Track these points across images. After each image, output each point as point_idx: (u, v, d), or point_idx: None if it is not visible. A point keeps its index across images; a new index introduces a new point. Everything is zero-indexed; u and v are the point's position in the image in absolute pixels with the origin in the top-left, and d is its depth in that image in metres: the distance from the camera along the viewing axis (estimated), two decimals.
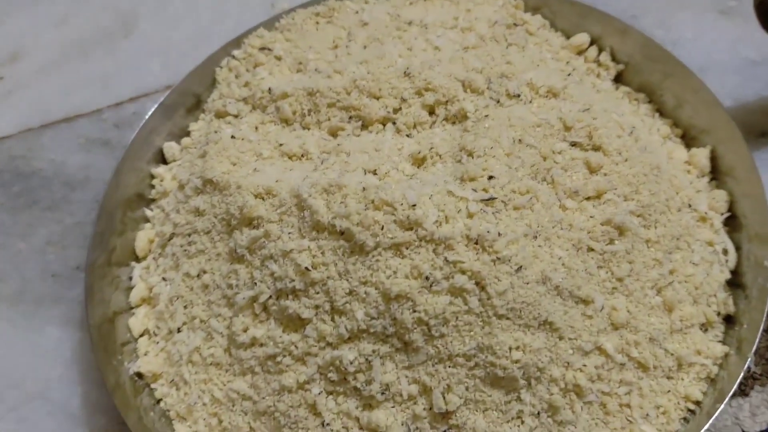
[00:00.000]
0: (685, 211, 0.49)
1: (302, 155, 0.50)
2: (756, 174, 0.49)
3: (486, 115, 0.48)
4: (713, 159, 0.53)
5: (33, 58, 0.73)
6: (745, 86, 0.61)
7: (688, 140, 0.55)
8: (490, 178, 0.44)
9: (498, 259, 0.41)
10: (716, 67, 0.62)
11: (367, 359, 0.42)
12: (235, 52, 0.60)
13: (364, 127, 0.51)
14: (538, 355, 0.41)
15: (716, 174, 0.53)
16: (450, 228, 0.41)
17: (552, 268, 0.42)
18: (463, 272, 0.41)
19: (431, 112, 0.51)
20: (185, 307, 0.48)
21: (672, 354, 0.45)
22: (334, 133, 0.52)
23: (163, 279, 0.51)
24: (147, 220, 0.56)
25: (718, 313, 0.47)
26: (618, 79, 0.59)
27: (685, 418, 0.44)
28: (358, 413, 0.43)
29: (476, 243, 0.41)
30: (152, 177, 0.57)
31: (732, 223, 0.50)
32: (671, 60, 0.55)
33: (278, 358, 0.44)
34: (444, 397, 0.42)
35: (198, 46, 0.67)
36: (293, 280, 0.43)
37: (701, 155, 0.52)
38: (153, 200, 0.57)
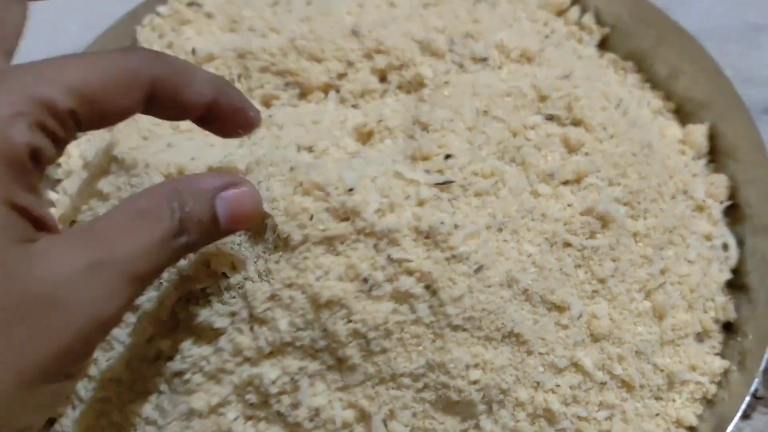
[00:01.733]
0: (679, 198, 0.42)
1: None
2: (763, 155, 0.42)
3: (446, 82, 0.41)
4: (712, 138, 0.46)
5: None
6: (747, 55, 0.55)
7: (683, 116, 0.48)
8: (447, 157, 0.36)
9: (453, 257, 0.34)
10: (714, 34, 0.55)
11: (292, 378, 0.35)
12: (160, 9, 0.52)
13: (303, 95, 0.44)
14: (501, 374, 0.34)
15: (715, 155, 0.46)
16: (395, 218, 0.34)
17: (520, 267, 0.35)
18: (410, 273, 0.33)
19: (382, 79, 0.44)
20: None
21: (662, 370, 0.38)
22: (267, 103, 0.44)
23: None
24: (53, 204, 0.48)
25: (717, 321, 0.41)
26: (603, 45, 0.52)
27: None
28: None
29: (427, 237, 0.34)
30: None
31: (733, 213, 0.44)
32: (666, 23, 0.48)
33: (187, 376, 0.36)
34: (386, 426, 0.34)
35: (121, 3, 0.59)
36: (204, 282, 0.36)
37: (698, 133, 0.46)
38: (59, 181, 0.49)
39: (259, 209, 0.33)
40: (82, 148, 0.49)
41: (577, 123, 0.40)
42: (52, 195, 0.48)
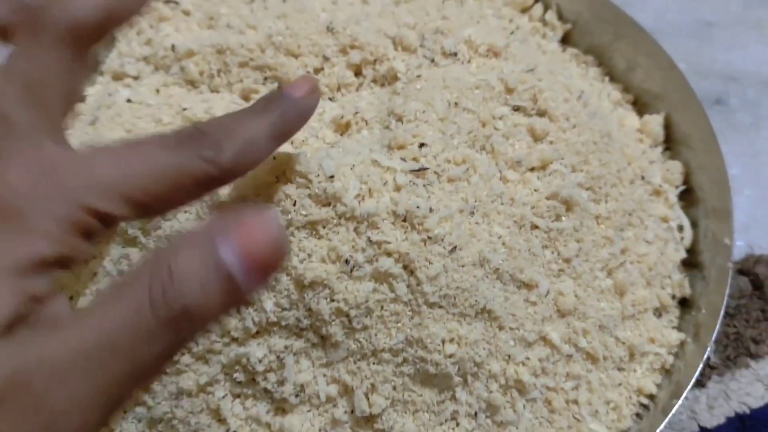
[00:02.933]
0: (638, 183, 0.45)
1: None
2: (714, 143, 0.45)
3: (418, 76, 0.43)
4: (667, 127, 0.48)
5: None
6: (699, 50, 0.57)
7: (640, 107, 0.51)
8: (422, 145, 0.38)
9: (429, 238, 0.35)
10: (668, 29, 0.58)
11: (278, 356, 0.36)
12: None
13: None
14: (475, 348, 0.36)
15: (670, 143, 0.48)
16: (374, 203, 0.36)
17: (491, 248, 0.37)
18: (389, 254, 0.35)
19: (357, 73, 0.45)
20: (71, 297, 0.42)
21: (624, 343, 0.40)
22: (246, 97, 0.45)
23: None
24: None
25: (673, 297, 0.43)
26: (565, 41, 0.54)
27: (637, 414, 0.40)
28: (269, 418, 0.37)
29: (404, 220, 0.36)
30: None
31: (687, 197, 0.46)
32: (623, 19, 0.51)
33: (175, 357, 0.37)
34: (368, 399, 0.36)
35: None
36: None
37: (654, 122, 0.48)
38: None
39: (282, 243, 0.23)
40: None
41: (541, 114, 0.42)
42: None
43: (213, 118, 0.31)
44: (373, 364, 0.36)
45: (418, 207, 0.35)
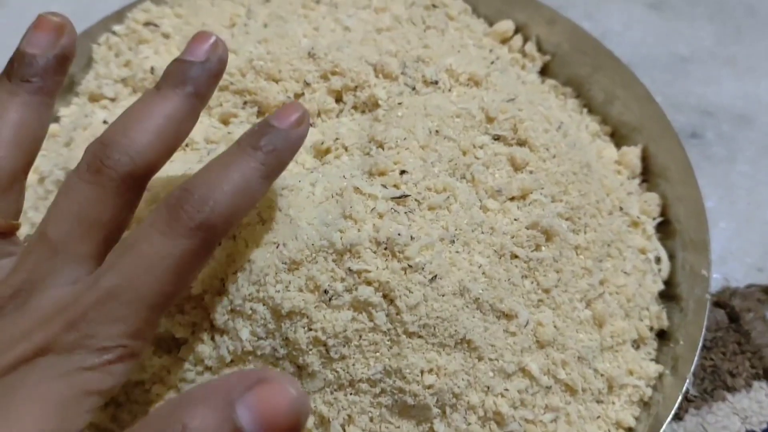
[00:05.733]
0: (616, 214, 0.45)
1: (186, 145, 0.43)
2: (691, 175, 0.45)
3: (399, 103, 0.42)
4: (645, 159, 0.49)
5: None
6: (674, 83, 0.58)
7: (618, 138, 0.51)
8: (402, 173, 0.38)
9: (410, 266, 0.35)
10: (645, 63, 0.58)
11: None
12: (116, 28, 0.52)
13: (261, 113, 0.45)
14: (454, 378, 0.36)
15: (647, 175, 0.49)
16: (355, 232, 0.35)
17: (471, 277, 0.37)
18: (369, 283, 0.35)
19: (338, 99, 0.45)
20: None
21: (602, 375, 0.40)
22: (225, 121, 0.45)
23: None
24: None
25: (651, 328, 0.43)
26: (544, 72, 0.54)
27: None
28: None
29: (385, 248, 0.35)
30: None
31: (664, 229, 0.46)
32: (601, 51, 0.51)
33: (147, 386, 0.37)
34: (344, 430, 0.36)
35: (76, 21, 0.58)
36: None
37: (632, 154, 0.48)
38: None
39: (301, 411, 0.22)
40: (36, 163, 0.48)
41: (522, 143, 0.42)
42: None
43: (202, 169, 0.31)
44: (351, 394, 0.36)
45: (399, 234, 0.35)
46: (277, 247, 0.35)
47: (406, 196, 0.37)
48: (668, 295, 0.44)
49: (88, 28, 0.52)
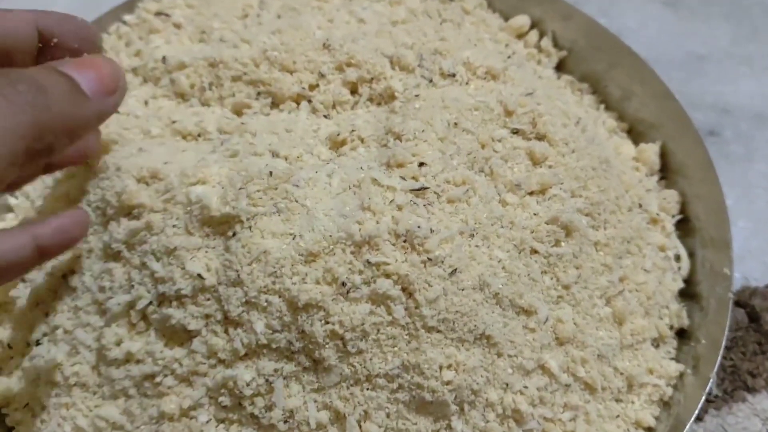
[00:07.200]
0: (635, 211, 0.44)
1: (198, 134, 0.42)
2: (712, 172, 0.44)
3: (417, 95, 0.42)
4: (663, 156, 0.48)
5: None
6: (691, 82, 0.57)
7: (635, 135, 0.50)
8: (421, 165, 0.37)
9: (429, 260, 0.34)
10: (660, 61, 0.57)
11: (267, 380, 0.34)
12: (127, 17, 0.52)
13: (275, 105, 0.44)
14: (473, 375, 0.35)
15: (666, 172, 0.48)
16: (374, 224, 0.34)
17: (491, 272, 0.36)
18: (388, 276, 0.34)
19: (353, 91, 0.44)
20: (46, 314, 0.39)
21: (622, 373, 0.39)
22: (238, 111, 0.44)
23: (22, 280, 0.42)
24: (10, 209, 0.47)
25: (671, 327, 0.42)
26: (560, 67, 0.54)
27: None
28: None
29: (405, 240, 0.34)
30: None
31: (683, 226, 0.46)
32: (619, 47, 0.51)
33: (158, 378, 0.36)
34: (360, 426, 0.35)
35: (86, 11, 0.58)
36: (179, 284, 0.35)
37: (651, 151, 0.48)
38: None
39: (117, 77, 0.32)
40: None
41: (540, 137, 0.41)
42: (11, 200, 0.46)
43: None
44: (367, 389, 0.35)
45: (419, 227, 0.34)
46: (294, 239, 0.34)
47: (426, 188, 0.36)
48: (688, 293, 0.43)
49: (98, 17, 0.52)
